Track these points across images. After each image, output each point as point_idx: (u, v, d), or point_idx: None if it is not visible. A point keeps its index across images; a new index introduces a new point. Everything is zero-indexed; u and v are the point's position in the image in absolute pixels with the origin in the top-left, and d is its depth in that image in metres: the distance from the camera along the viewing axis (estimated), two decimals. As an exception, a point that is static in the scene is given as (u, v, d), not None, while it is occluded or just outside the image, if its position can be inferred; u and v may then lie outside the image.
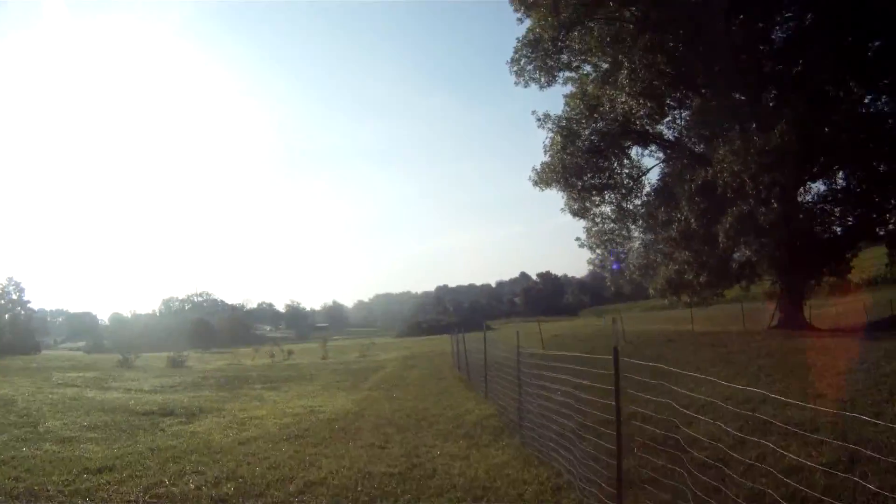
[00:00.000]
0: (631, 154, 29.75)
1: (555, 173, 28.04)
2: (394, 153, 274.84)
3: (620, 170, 29.38)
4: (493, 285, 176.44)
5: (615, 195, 29.49)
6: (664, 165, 29.32)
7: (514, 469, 7.59)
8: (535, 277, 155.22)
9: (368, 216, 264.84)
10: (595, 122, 28.17)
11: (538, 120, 29.21)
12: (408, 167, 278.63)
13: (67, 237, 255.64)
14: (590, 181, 28.60)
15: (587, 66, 28.40)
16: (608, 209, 30.09)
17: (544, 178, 28.50)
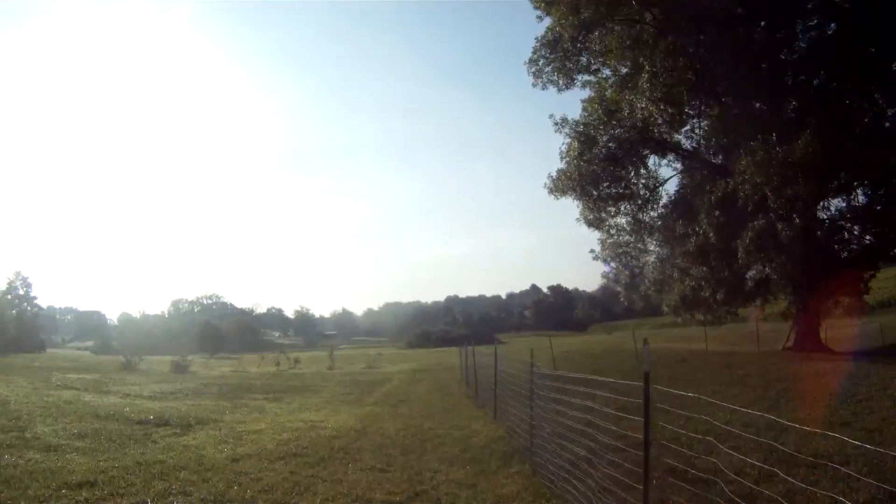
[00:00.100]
0: (648, 164, 29.27)
1: (571, 181, 27.51)
2: (407, 155, 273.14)
3: (637, 180, 28.83)
4: (504, 297, 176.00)
5: (631, 206, 28.93)
6: (682, 176, 28.84)
7: (523, 502, 7.01)
8: (545, 290, 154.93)
9: (380, 222, 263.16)
10: (613, 128, 27.65)
11: (555, 124, 28.79)
12: (421, 170, 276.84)
13: (80, 234, 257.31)
14: (606, 190, 28.02)
15: (606, 70, 28.04)
16: (624, 220, 29.65)
17: (560, 185, 27.98)
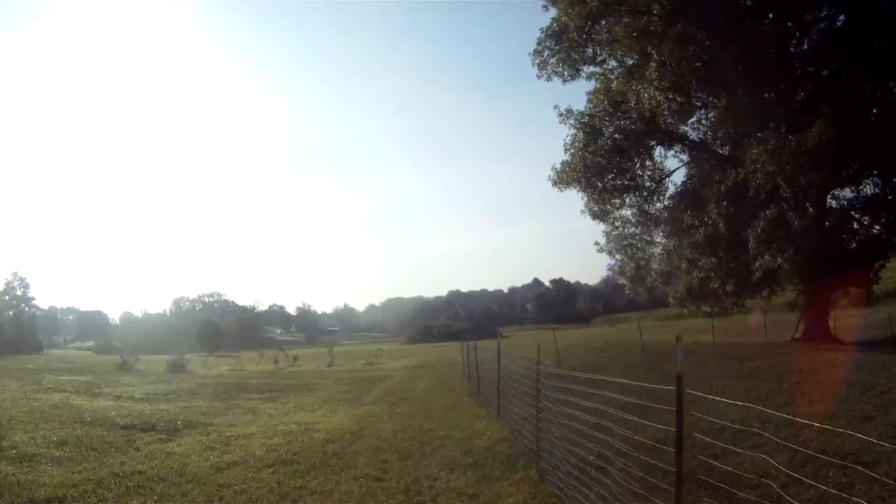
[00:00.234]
0: (654, 155, 28.69)
1: (576, 172, 26.95)
2: (409, 151, 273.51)
3: (643, 171, 28.31)
4: (506, 291, 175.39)
5: (637, 198, 28.40)
6: (689, 167, 28.23)
7: (532, 514, 6.37)
8: (547, 284, 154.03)
9: (382, 218, 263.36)
10: (619, 119, 27.09)
11: (560, 115, 28.33)
12: (423, 165, 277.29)
13: (82, 234, 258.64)
14: (611, 182, 27.48)
15: (612, 61, 27.47)
16: (629, 212, 29.20)
17: (564, 177, 27.41)
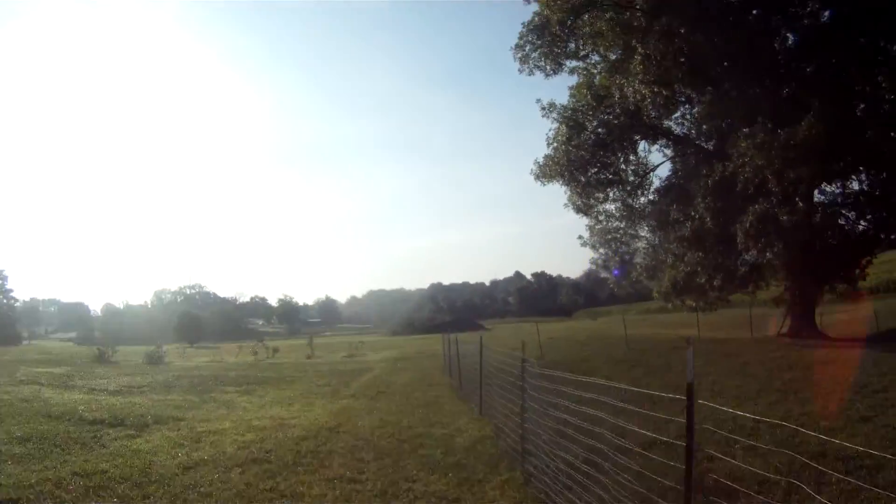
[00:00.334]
0: (638, 149, 28.57)
1: (559, 166, 26.72)
2: (391, 148, 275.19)
3: (627, 166, 28.13)
4: (488, 284, 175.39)
5: (621, 192, 28.27)
6: (673, 162, 28.13)
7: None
8: (529, 277, 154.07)
9: (364, 211, 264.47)
10: (602, 113, 26.83)
11: (543, 109, 28.05)
12: (404, 162, 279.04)
13: (63, 226, 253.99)
14: (595, 176, 27.29)
15: (595, 56, 27.02)
16: (613, 206, 29.04)
17: (547, 171, 27.16)
